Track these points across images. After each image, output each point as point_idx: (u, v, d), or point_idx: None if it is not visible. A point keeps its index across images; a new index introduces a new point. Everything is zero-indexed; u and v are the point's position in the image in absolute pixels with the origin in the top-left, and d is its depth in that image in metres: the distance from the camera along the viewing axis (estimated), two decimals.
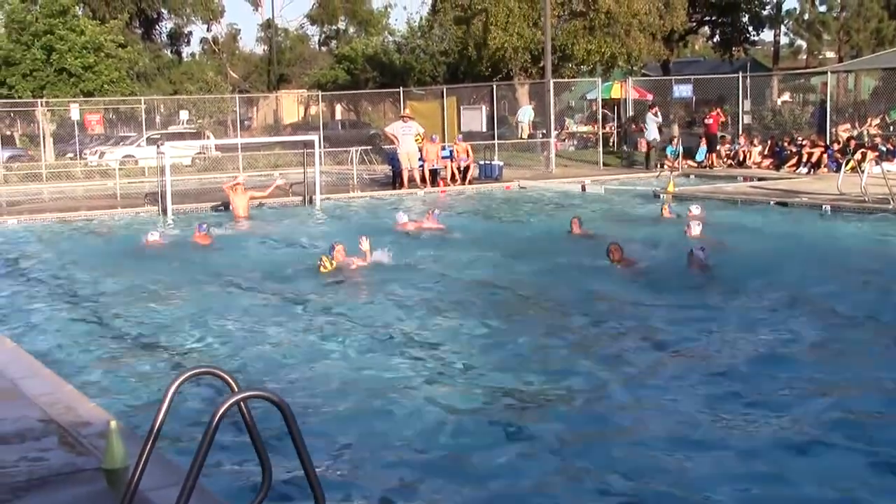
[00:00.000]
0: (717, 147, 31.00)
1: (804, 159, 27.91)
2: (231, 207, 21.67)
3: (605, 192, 24.79)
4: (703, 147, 31.11)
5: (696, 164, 30.69)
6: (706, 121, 31.96)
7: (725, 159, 30.69)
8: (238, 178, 22.83)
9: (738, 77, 33.23)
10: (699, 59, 65.55)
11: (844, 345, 9.91)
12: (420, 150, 26.68)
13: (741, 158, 30.35)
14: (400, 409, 8.02)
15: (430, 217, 18.74)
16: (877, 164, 21.72)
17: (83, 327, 11.33)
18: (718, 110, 32.44)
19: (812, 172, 27.07)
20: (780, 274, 13.39)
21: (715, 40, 52.65)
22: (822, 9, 56.77)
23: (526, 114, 37.50)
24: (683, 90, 34.68)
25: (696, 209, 18.18)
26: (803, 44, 62.32)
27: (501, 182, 27.85)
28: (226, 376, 4.75)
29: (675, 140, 31.77)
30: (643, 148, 33.69)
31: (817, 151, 27.78)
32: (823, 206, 19.74)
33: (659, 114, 31.81)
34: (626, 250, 14.06)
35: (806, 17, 57.73)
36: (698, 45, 73.13)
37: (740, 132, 32.36)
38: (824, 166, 27.20)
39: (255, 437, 4.67)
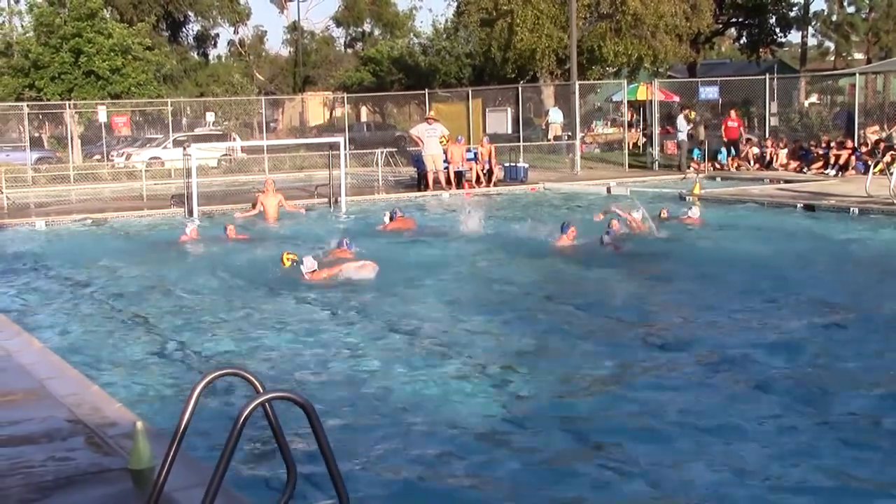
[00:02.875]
0: (742, 150, 30.82)
1: (832, 161, 27.73)
2: (262, 208, 21.57)
3: (630, 195, 24.66)
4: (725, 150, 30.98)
5: (720, 167, 30.55)
6: (729, 124, 31.70)
7: (752, 162, 30.52)
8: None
9: (765, 79, 33.09)
10: (726, 60, 65.22)
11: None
12: (445, 151, 26.66)
13: (767, 160, 30.20)
14: (426, 410, 8.03)
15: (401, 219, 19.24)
16: None
17: (109, 327, 11.39)
18: (733, 112, 32.10)
19: (840, 175, 26.88)
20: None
21: (742, 42, 52.42)
22: (851, 10, 56.38)
23: (558, 115, 37.47)
24: (710, 92, 34.52)
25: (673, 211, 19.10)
26: (831, 45, 61.93)
27: (527, 184, 27.81)
28: (251, 377, 4.77)
29: (702, 142, 31.64)
30: (670, 150, 33.57)
31: (845, 153, 27.59)
32: (851, 209, 19.60)
33: (688, 117, 31.68)
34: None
35: (834, 18, 57.37)
36: (725, 47, 72.80)
37: (767, 134, 32.19)
38: (852, 168, 27.01)
39: (280, 437, 4.68)
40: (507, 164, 29.04)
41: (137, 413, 7.01)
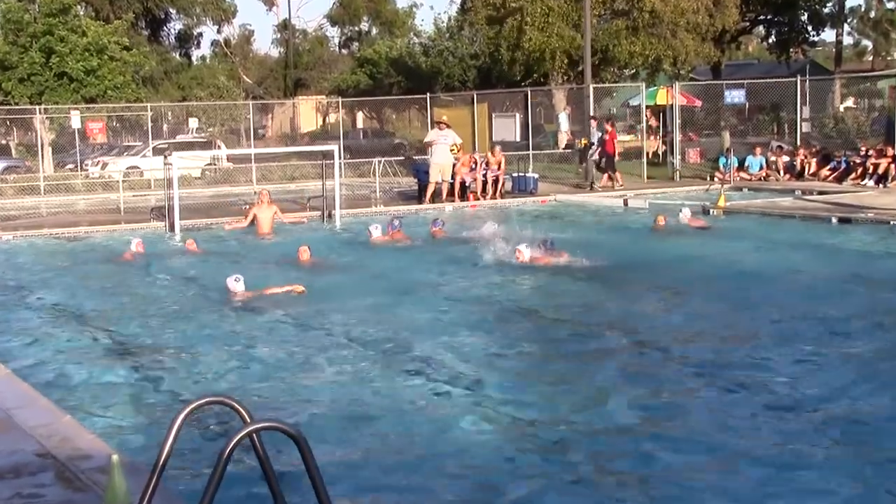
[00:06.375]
0: (613, 169, 30.31)
1: (870, 171, 27.73)
2: (255, 222, 21.64)
3: (649, 207, 24.65)
4: (759, 158, 30.95)
5: (749, 177, 30.56)
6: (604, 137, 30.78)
7: (781, 172, 30.54)
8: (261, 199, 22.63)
9: (796, 81, 33.13)
10: (753, 61, 65.46)
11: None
12: (456, 160, 26.49)
13: (799, 170, 30.20)
14: (421, 436, 8.09)
15: (392, 231, 19.97)
16: None
17: (82, 352, 11.39)
18: (610, 126, 31.35)
19: (882, 185, 26.88)
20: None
21: (770, 41, 52.45)
22: (891, 5, 56.49)
23: (566, 121, 37.54)
24: (736, 96, 34.56)
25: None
26: (869, 44, 62.06)
27: (536, 196, 27.82)
28: (238, 406, 4.77)
29: (728, 150, 31.66)
30: (693, 159, 33.60)
31: (884, 162, 27.58)
32: (892, 222, 19.60)
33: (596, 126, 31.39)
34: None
35: (872, 14, 57.49)
36: (752, 47, 73.03)
37: (798, 141, 32.21)
38: (892, 179, 27.01)
39: (269, 470, 4.69)
40: (515, 175, 29.05)
41: (113, 445, 7.01)
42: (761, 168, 30.82)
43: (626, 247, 18.61)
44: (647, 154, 35.52)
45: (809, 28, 49.46)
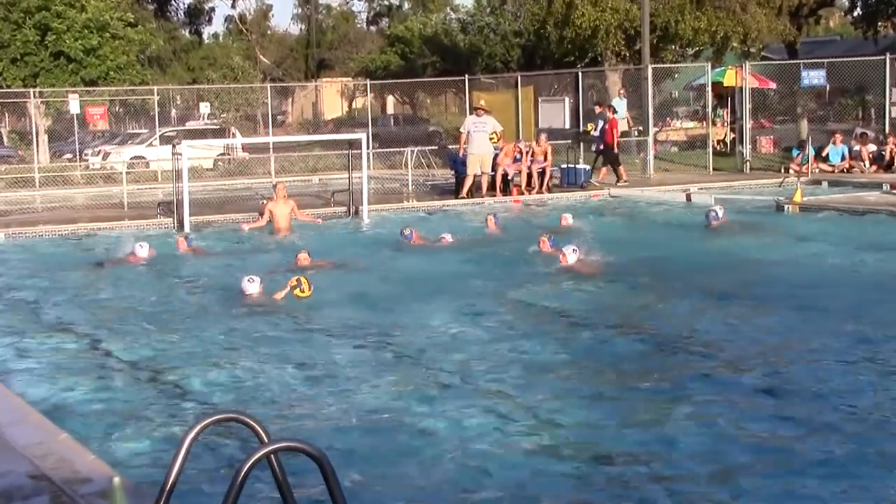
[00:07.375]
0: (616, 163, 29.76)
1: None
2: (272, 218, 21.71)
3: (714, 203, 24.54)
4: (841, 147, 30.69)
5: (830, 168, 30.32)
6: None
7: (867, 163, 30.27)
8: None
9: (885, 59, 32.79)
10: (835, 37, 64.93)
11: None
12: (498, 150, 26.43)
13: (888, 161, 29.91)
14: (452, 455, 8.11)
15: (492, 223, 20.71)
16: None
17: (80, 363, 11.45)
18: (611, 113, 30.15)
19: None
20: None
21: (855, 14, 51.97)
22: None
23: (622, 107, 37.40)
24: (814, 77, 34.25)
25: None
26: None
27: (587, 190, 27.75)
28: (253, 423, 4.79)
29: (805, 140, 31.42)
30: (765, 149, 33.30)
31: None
32: None
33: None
34: None
35: None
36: (834, 21, 72.46)
37: (886, 128, 31.91)
38: None
39: (287, 494, 4.69)
40: (564, 166, 28.97)
41: (115, 466, 7.03)
42: (843, 158, 30.53)
43: (681, 247, 18.62)
44: (714, 143, 35.35)
45: None
